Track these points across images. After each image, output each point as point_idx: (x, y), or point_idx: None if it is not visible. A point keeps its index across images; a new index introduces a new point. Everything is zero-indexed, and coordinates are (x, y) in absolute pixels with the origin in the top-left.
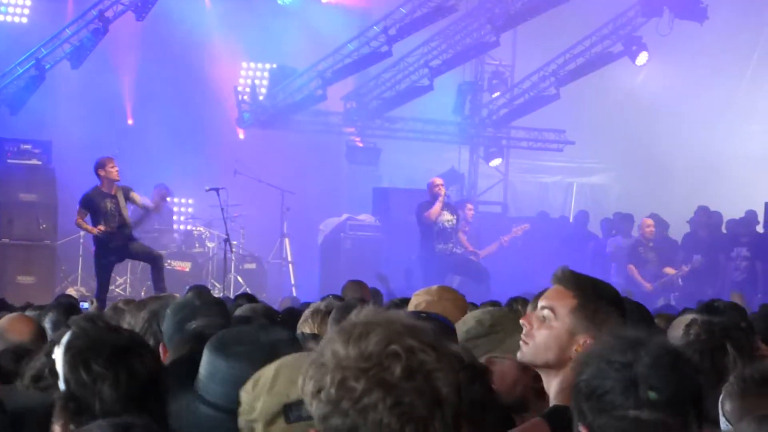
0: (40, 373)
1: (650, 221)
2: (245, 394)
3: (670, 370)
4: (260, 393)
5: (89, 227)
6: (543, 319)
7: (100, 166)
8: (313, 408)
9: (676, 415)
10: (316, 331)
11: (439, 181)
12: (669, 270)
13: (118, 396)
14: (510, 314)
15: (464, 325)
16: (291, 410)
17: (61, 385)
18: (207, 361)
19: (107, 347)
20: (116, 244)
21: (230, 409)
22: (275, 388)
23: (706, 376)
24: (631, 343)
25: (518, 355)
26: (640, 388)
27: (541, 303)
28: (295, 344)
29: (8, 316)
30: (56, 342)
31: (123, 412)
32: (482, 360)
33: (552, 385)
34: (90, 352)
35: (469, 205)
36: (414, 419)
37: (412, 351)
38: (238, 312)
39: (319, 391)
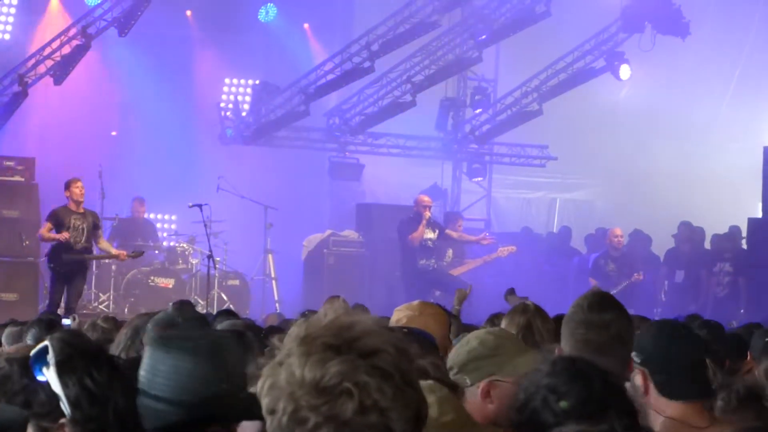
0: (32, 399)
1: (619, 231)
2: None
3: (569, 373)
4: None
5: (53, 235)
6: None
7: (66, 186)
8: (268, 423)
9: (598, 421)
10: None
11: (426, 199)
12: (637, 276)
13: (132, 407)
14: (513, 337)
15: (466, 345)
16: None
17: (66, 408)
18: (151, 357)
19: (102, 358)
20: (70, 259)
21: (176, 401)
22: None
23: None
24: (541, 361)
25: None
26: (551, 402)
27: None
28: (237, 340)
29: None
30: (23, 361)
31: (134, 424)
32: (484, 382)
33: None
34: (92, 365)
35: (460, 222)
36: None
37: (366, 389)
38: (220, 327)
39: (272, 413)
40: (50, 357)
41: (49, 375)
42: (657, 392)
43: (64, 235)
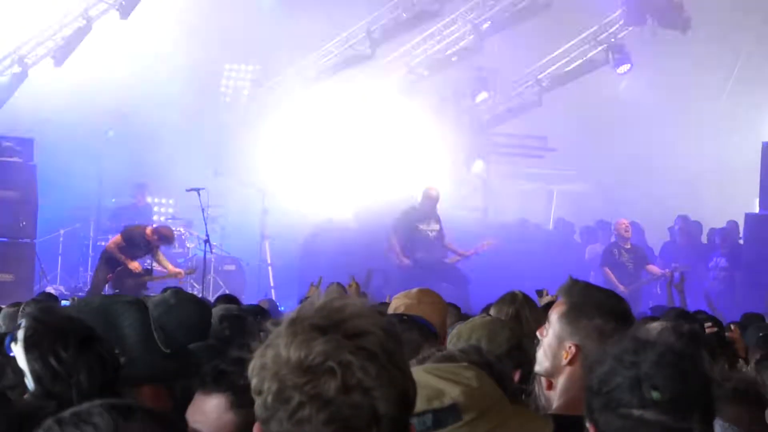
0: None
1: (625, 221)
2: None
3: (674, 369)
4: None
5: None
6: (545, 330)
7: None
8: (256, 405)
9: (681, 419)
10: None
11: (435, 193)
12: (653, 268)
13: (95, 384)
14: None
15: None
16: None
17: (30, 384)
18: None
19: (72, 336)
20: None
21: None
22: None
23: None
24: (642, 342)
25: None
26: (644, 387)
27: None
28: (135, 306)
29: None
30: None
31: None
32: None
33: (555, 393)
34: (59, 343)
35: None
36: None
37: (350, 367)
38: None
39: (259, 393)
40: (19, 332)
41: (16, 350)
42: None
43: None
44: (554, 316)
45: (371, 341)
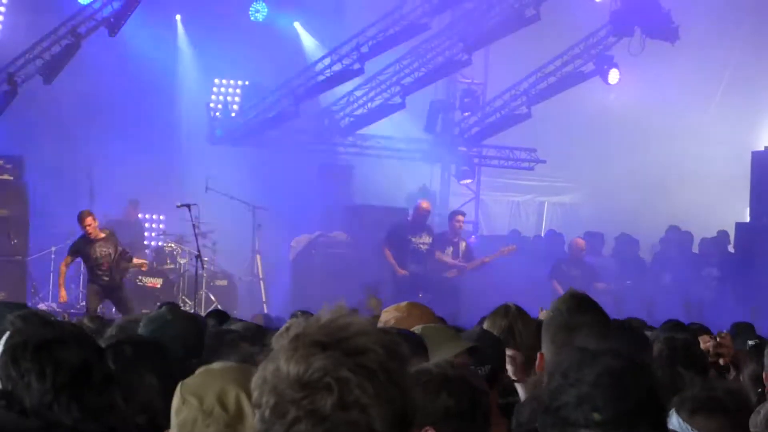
0: None
1: (582, 242)
2: None
3: (613, 389)
4: None
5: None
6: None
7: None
8: (255, 419)
9: None
10: None
11: (426, 207)
12: (599, 285)
13: (45, 388)
14: (440, 328)
15: None
16: None
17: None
18: None
19: (33, 342)
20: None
21: None
22: None
23: (664, 390)
24: (585, 357)
25: None
26: (585, 408)
27: None
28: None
29: None
30: None
31: (53, 402)
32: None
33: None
34: (19, 348)
35: (459, 217)
36: None
37: (347, 384)
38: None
39: (258, 406)
40: (3, 338)
41: None
42: None
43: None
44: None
45: (371, 359)
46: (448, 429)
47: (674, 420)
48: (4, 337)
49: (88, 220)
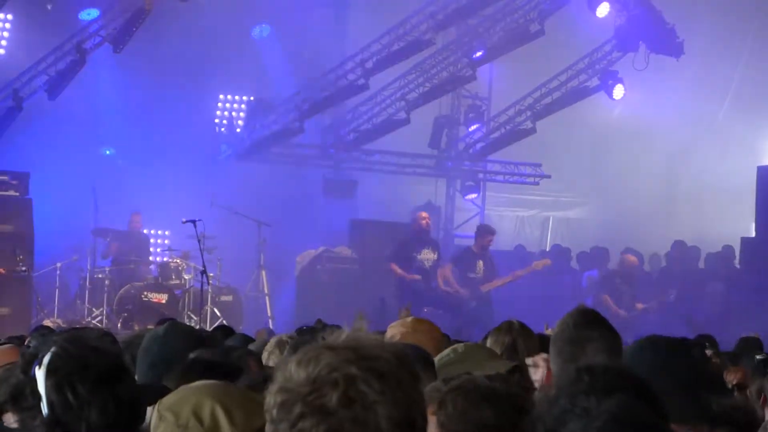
0: (19, 391)
1: (634, 258)
2: None
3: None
4: None
5: None
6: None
7: None
8: (267, 427)
9: None
10: None
11: (424, 214)
12: (639, 305)
13: (106, 423)
14: (483, 346)
15: (440, 354)
16: None
17: (44, 408)
18: None
19: (93, 371)
20: None
21: None
22: None
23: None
24: (595, 386)
25: None
26: None
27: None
28: None
29: (0, 348)
30: (30, 358)
31: None
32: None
33: None
34: (76, 375)
35: (490, 237)
36: None
37: (353, 380)
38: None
39: (267, 409)
40: (45, 358)
41: (38, 374)
42: None
43: None
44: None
45: (381, 364)
46: None
47: None
48: (47, 357)
49: None
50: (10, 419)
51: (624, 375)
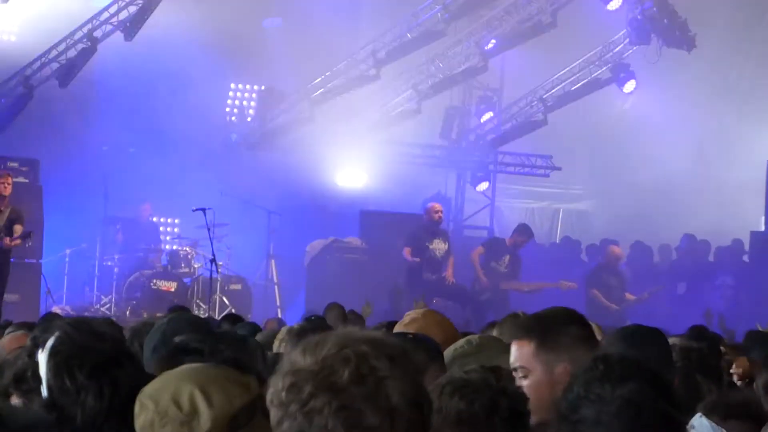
0: (21, 375)
1: (619, 249)
2: None
3: (634, 423)
4: None
5: None
6: (523, 379)
7: None
8: (271, 415)
9: None
10: None
11: (438, 207)
12: (629, 296)
13: (101, 408)
14: (497, 338)
15: (454, 345)
16: None
17: (44, 391)
18: None
19: (92, 356)
20: None
21: None
22: None
23: (681, 398)
24: (610, 377)
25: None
26: (601, 431)
27: (511, 366)
28: None
29: (11, 334)
30: (37, 342)
31: (104, 424)
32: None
33: None
34: (75, 359)
35: (522, 239)
36: (360, 427)
37: (365, 357)
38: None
39: (272, 400)
40: (48, 342)
41: (40, 357)
42: None
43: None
44: (528, 358)
45: (389, 349)
46: None
47: (703, 423)
48: (51, 341)
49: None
50: (16, 402)
51: (638, 364)
